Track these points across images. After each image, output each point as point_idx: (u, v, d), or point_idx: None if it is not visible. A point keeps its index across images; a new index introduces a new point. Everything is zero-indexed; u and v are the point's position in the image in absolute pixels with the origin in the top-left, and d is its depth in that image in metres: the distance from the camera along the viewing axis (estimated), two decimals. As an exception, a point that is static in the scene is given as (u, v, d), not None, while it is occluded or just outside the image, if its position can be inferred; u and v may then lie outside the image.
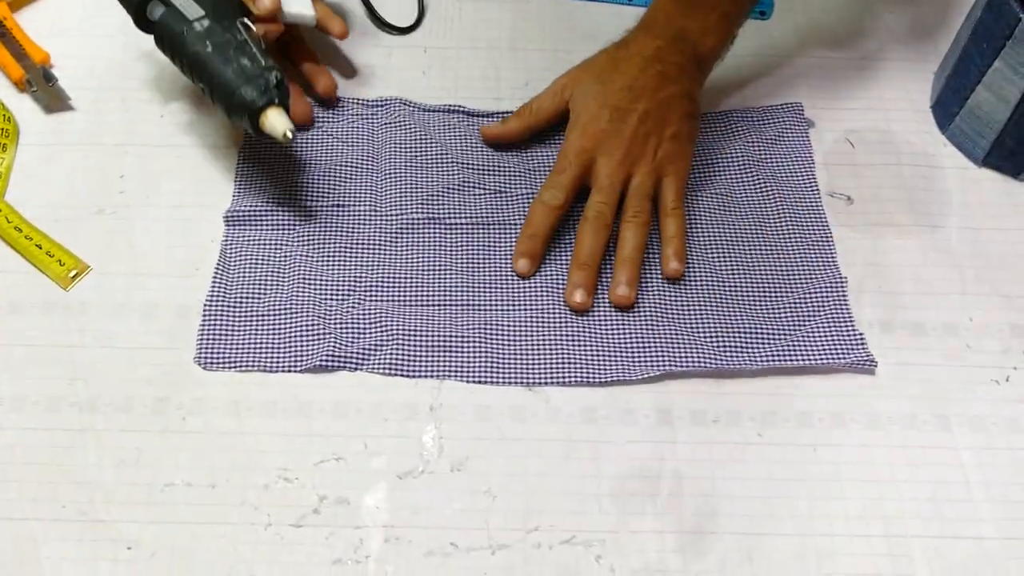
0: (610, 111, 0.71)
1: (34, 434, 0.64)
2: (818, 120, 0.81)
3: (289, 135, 0.67)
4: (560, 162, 0.72)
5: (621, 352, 0.68)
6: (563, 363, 0.67)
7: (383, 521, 0.61)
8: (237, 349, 0.68)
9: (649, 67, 0.72)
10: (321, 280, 0.71)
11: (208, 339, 0.68)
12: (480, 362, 0.67)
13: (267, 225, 0.73)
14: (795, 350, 0.68)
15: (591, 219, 0.70)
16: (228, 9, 0.71)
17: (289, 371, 0.67)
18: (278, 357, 0.67)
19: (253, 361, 0.67)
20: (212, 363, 0.67)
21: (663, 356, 0.67)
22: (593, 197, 0.71)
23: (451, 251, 0.73)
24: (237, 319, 0.69)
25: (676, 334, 0.69)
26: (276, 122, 0.67)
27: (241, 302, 0.69)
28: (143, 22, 0.72)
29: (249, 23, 0.70)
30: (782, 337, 0.69)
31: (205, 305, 0.69)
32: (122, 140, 0.78)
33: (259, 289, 0.70)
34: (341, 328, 0.68)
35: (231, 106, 0.68)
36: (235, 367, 0.67)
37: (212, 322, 0.68)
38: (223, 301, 0.69)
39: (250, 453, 0.63)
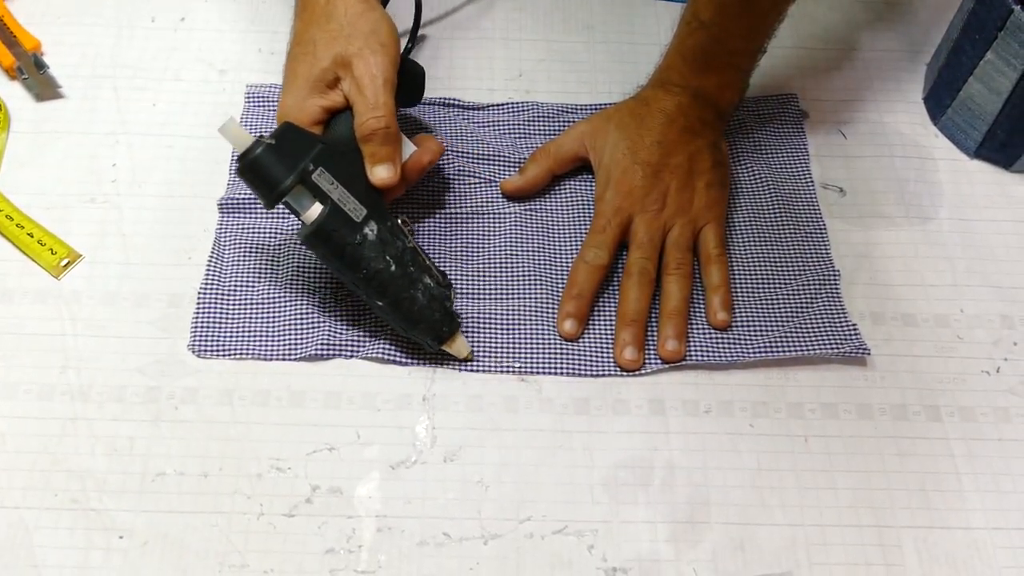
0: (642, 167, 0.71)
1: (26, 422, 0.64)
2: (811, 111, 0.82)
3: (472, 355, 0.67)
4: (598, 221, 0.71)
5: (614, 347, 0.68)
6: (556, 354, 0.68)
7: (376, 511, 0.61)
8: (231, 337, 0.67)
9: (674, 122, 0.72)
10: (315, 268, 0.70)
11: (202, 327, 0.68)
12: (473, 350, 0.67)
13: (262, 213, 0.73)
14: (789, 341, 0.68)
15: (635, 275, 0.69)
16: (379, 199, 0.65)
17: (284, 359, 0.67)
18: (272, 345, 0.67)
19: (247, 349, 0.67)
20: (205, 351, 0.67)
21: (657, 352, 0.68)
22: (634, 253, 0.70)
23: (445, 240, 0.73)
24: (231, 307, 0.69)
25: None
26: (461, 346, 0.66)
27: (235, 290, 0.69)
28: (273, 198, 0.62)
29: (407, 219, 0.66)
30: (777, 329, 0.69)
31: (199, 293, 0.69)
32: (114, 128, 0.78)
33: (253, 277, 0.70)
34: (336, 316, 0.68)
35: (418, 328, 0.64)
36: (229, 355, 0.67)
37: (206, 310, 0.68)
38: (217, 289, 0.69)
39: (243, 442, 0.63)
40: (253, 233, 0.72)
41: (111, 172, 0.75)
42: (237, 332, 0.68)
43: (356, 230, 0.63)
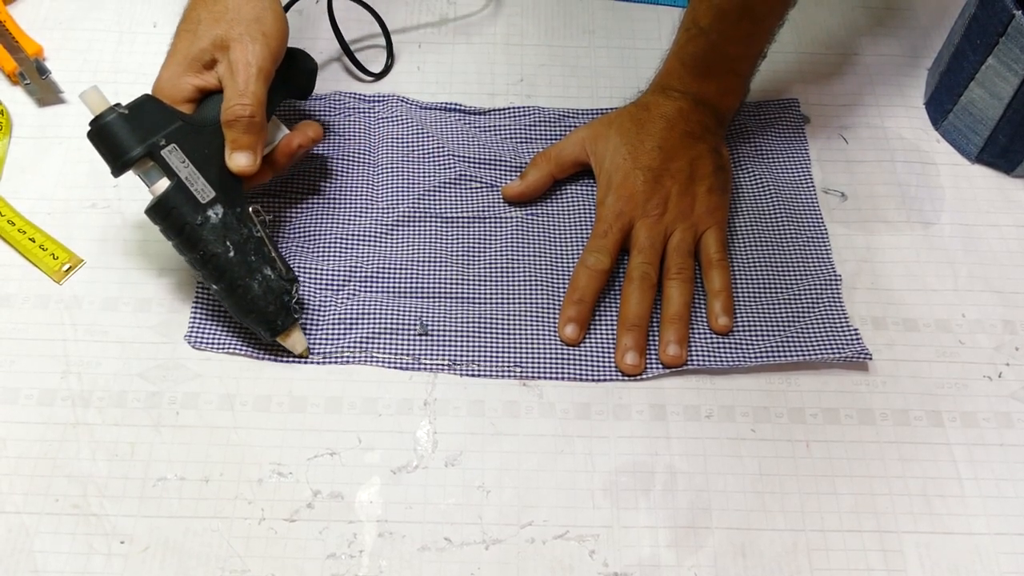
0: (643, 172, 0.71)
1: (27, 428, 0.64)
2: (812, 116, 0.82)
3: (308, 352, 0.67)
4: (599, 225, 0.71)
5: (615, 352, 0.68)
6: (557, 358, 0.68)
7: (377, 515, 0.61)
8: (228, 332, 0.68)
9: (674, 127, 0.72)
10: (315, 271, 0.70)
11: (199, 320, 0.68)
12: (474, 355, 0.67)
13: (261, 217, 0.73)
14: (791, 347, 0.68)
15: (636, 280, 0.69)
16: (235, 185, 0.65)
17: (276, 360, 0.67)
18: (268, 345, 0.67)
19: (243, 346, 0.67)
20: (202, 343, 0.67)
21: (658, 358, 0.68)
22: (635, 258, 0.70)
23: (446, 244, 0.73)
24: None
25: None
26: (297, 341, 0.66)
27: None
28: (118, 166, 0.63)
29: (260, 209, 0.66)
30: (778, 334, 0.69)
31: (197, 285, 0.69)
32: (115, 133, 0.78)
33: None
34: (334, 320, 0.68)
35: (251, 317, 0.65)
36: (225, 350, 0.67)
37: (204, 303, 0.68)
38: None
39: (244, 447, 0.63)
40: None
41: (112, 177, 0.75)
42: (234, 328, 0.68)
43: (199, 211, 0.63)
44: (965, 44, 0.76)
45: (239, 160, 0.65)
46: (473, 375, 0.67)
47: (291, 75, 0.70)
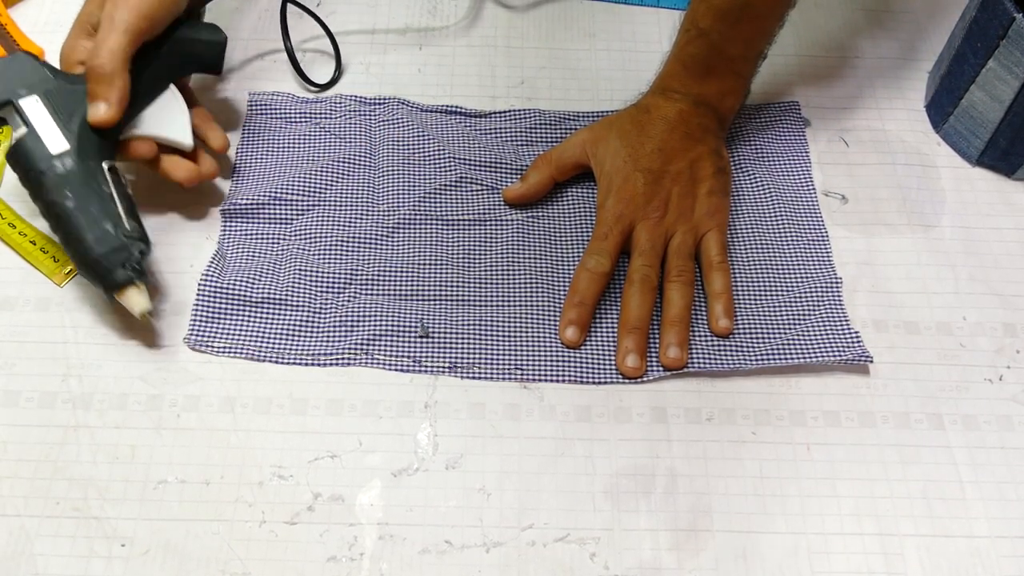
0: (643, 174, 0.71)
1: (27, 430, 0.64)
2: (812, 119, 0.82)
3: (147, 315, 0.66)
4: (600, 228, 0.71)
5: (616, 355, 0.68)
6: (558, 361, 0.68)
7: (377, 518, 0.61)
8: (227, 334, 0.68)
9: (675, 129, 0.72)
10: (316, 273, 0.71)
11: (199, 321, 0.68)
12: (475, 357, 0.67)
13: (263, 219, 0.73)
14: (791, 349, 0.68)
15: (637, 282, 0.69)
16: (95, 141, 0.66)
17: (276, 362, 0.67)
18: (268, 347, 0.67)
19: (242, 348, 0.67)
20: (201, 345, 0.67)
21: (659, 360, 0.68)
22: (636, 260, 0.70)
23: (447, 247, 0.73)
24: (230, 305, 0.69)
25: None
26: (134, 301, 0.65)
27: (234, 288, 0.69)
28: None
29: (116, 166, 0.67)
30: (778, 336, 0.69)
31: (199, 286, 0.69)
32: (116, 136, 0.78)
33: (254, 279, 0.70)
34: (335, 322, 0.68)
35: (85, 270, 0.65)
36: (224, 352, 0.67)
37: (204, 304, 0.68)
38: (217, 286, 0.69)
39: (244, 450, 0.63)
40: (255, 238, 0.72)
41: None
42: (234, 330, 0.68)
43: (46, 160, 0.64)
44: (966, 47, 0.76)
45: (92, 111, 0.66)
46: (474, 377, 0.67)
47: (191, 45, 0.72)
